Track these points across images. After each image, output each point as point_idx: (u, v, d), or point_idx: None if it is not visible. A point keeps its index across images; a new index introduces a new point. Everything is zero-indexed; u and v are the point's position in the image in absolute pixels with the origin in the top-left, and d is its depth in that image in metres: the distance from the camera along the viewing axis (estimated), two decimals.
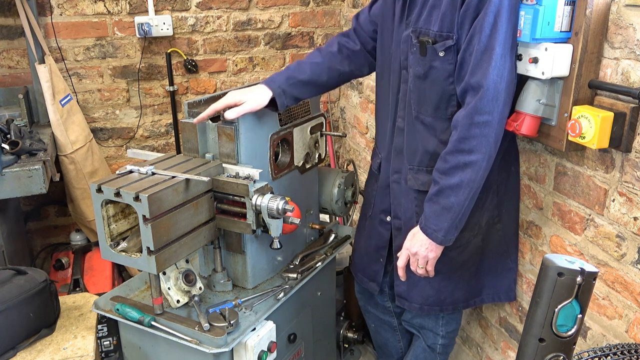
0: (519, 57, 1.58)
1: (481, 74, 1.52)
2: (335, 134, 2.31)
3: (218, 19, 3.09)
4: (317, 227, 2.19)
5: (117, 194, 1.51)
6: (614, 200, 1.54)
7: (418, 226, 1.70)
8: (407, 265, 1.76)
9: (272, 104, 1.80)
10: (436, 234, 1.64)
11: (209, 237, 1.74)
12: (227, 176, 1.72)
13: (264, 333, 1.72)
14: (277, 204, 1.65)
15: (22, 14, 2.55)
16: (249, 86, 1.84)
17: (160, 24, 2.94)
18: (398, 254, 1.77)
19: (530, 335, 1.15)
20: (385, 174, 1.94)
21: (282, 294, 1.86)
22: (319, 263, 2.05)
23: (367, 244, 2.07)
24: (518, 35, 1.54)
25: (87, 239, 2.95)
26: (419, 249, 1.69)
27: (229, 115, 1.69)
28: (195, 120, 1.75)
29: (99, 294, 1.96)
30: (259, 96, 1.75)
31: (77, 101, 2.87)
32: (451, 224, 1.62)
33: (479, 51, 1.52)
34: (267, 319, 1.77)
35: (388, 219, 1.95)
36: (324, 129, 2.13)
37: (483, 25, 1.51)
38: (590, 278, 1.11)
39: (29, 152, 2.24)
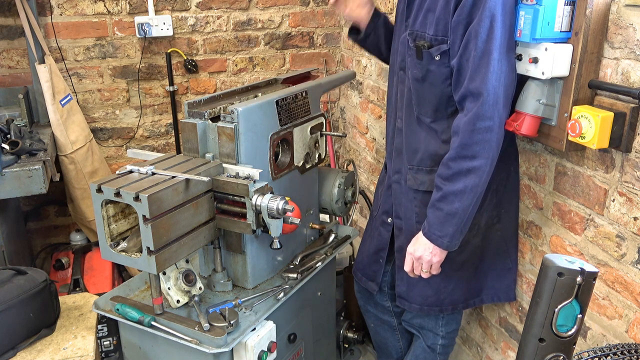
0: (519, 57, 1.58)
1: (480, 79, 1.52)
2: (335, 134, 2.31)
3: (218, 19, 3.09)
4: (317, 227, 2.19)
5: (117, 194, 1.51)
6: (614, 200, 1.54)
7: (421, 231, 1.70)
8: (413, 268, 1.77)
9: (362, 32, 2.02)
10: (441, 240, 1.65)
11: (209, 237, 1.74)
12: (227, 176, 1.72)
13: (264, 333, 1.71)
14: (277, 204, 1.65)
15: (22, 14, 2.55)
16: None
17: (160, 24, 2.94)
18: (406, 263, 1.78)
19: (530, 335, 1.15)
20: (388, 174, 1.95)
21: (282, 294, 1.86)
22: (319, 263, 2.05)
23: (369, 244, 2.09)
24: (518, 35, 1.54)
25: (87, 239, 2.95)
26: (422, 254, 1.69)
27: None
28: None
29: (99, 294, 1.96)
30: (361, 13, 1.97)
31: (77, 101, 2.86)
32: (456, 229, 1.63)
33: (477, 57, 1.52)
34: (267, 319, 1.77)
35: (389, 220, 1.96)
36: (324, 129, 2.13)
37: (479, 31, 1.50)
38: (590, 278, 1.11)
39: (29, 152, 2.24)
